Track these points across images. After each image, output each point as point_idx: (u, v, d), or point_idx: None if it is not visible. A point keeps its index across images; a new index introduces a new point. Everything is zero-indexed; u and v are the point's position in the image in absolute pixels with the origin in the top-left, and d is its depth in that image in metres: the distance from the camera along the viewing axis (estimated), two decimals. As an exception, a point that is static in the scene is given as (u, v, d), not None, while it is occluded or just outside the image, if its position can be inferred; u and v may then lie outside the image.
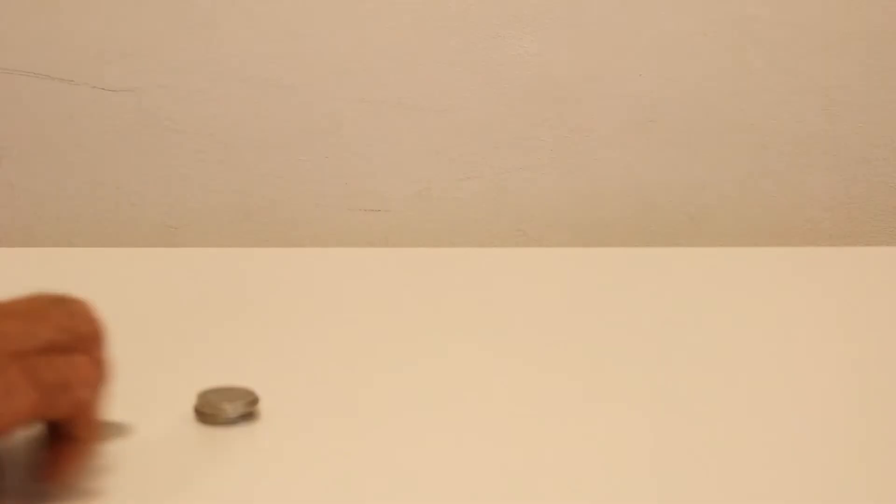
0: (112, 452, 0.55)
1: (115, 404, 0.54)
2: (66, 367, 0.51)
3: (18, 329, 0.51)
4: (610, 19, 0.98)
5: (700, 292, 0.82)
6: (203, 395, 0.61)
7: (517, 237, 1.02)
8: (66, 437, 0.51)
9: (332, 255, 0.92)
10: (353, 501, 0.53)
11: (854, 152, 1.00)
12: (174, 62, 0.99)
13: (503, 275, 0.85)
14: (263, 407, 0.61)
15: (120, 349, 0.59)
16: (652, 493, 0.54)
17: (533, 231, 1.02)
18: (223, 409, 0.60)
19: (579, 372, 0.68)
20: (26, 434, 0.53)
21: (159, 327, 0.74)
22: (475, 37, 0.99)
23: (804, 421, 0.62)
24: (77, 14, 0.98)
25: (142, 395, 0.60)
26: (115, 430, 0.58)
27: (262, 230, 1.01)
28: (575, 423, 0.61)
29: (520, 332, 0.74)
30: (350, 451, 0.58)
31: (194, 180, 1.01)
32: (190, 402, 0.61)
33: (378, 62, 0.99)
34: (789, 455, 0.58)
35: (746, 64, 0.99)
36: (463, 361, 0.69)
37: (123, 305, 0.78)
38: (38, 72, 0.99)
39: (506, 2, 0.98)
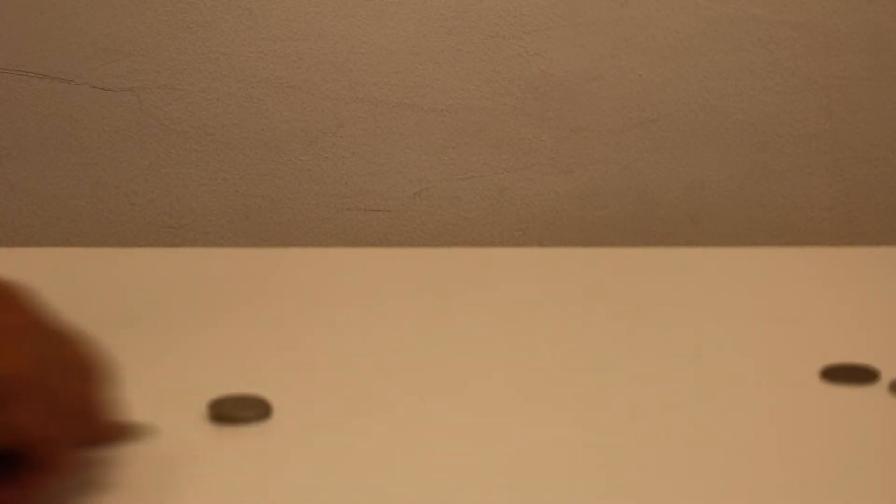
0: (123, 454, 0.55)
1: (117, 404, 0.54)
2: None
3: None
4: (610, 19, 0.98)
5: (700, 292, 0.82)
6: (215, 403, 0.61)
7: (517, 237, 1.02)
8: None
9: (331, 255, 0.92)
10: (357, 502, 0.53)
11: (854, 152, 1.00)
12: (174, 62, 0.99)
13: (503, 275, 0.85)
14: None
15: (119, 349, 0.59)
16: (651, 494, 0.54)
17: (533, 231, 1.02)
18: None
19: (579, 372, 0.68)
20: None
21: (158, 327, 0.74)
22: (475, 37, 0.99)
23: (804, 421, 0.62)
24: (77, 14, 0.98)
25: (142, 394, 0.60)
26: (135, 430, 0.58)
27: (261, 230, 1.01)
28: (574, 424, 0.61)
29: (520, 332, 0.74)
30: (352, 452, 0.58)
31: (194, 180, 1.01)
32: (192, 401, 0.61)
33: (378, 62, 0.99)
34: (790, 455, 0.58)
35: (746, 64, 0.99)
36: (463, 361, 0.69)
37: (123, 305, 0.79)
38: (38, 72, 0.99)
39: (506, 2, 0.98)
